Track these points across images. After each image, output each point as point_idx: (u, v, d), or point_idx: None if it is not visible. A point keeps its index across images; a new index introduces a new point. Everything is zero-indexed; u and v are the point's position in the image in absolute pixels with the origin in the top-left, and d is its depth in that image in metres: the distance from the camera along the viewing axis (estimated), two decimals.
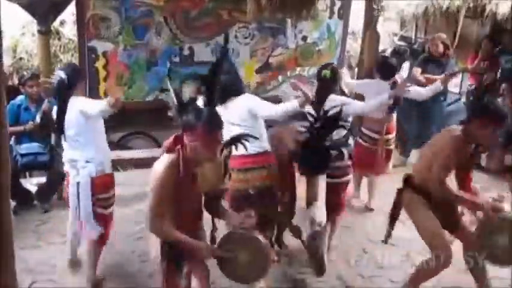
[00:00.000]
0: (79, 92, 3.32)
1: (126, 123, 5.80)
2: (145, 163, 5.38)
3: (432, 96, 4.63)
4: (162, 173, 2.32)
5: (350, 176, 3.86)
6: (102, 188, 3.30)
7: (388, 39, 7.63)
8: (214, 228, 2.66)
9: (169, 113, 2.55)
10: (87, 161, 3.24)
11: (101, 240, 3.40)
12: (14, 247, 3.63)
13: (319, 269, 3.41)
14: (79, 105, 3.17)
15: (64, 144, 3.37)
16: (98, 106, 3.12)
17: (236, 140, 2.70)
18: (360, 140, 4.66)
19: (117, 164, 5.49)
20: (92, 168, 3.24)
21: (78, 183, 3.25)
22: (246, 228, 2.51)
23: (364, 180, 4.85)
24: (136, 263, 3.73)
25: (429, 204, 3.04)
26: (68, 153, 3.35)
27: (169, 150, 2.38)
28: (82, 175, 3.25)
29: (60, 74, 3.24)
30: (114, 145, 5.76)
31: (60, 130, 3.26)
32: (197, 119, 2.30)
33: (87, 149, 3.25)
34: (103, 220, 3.34)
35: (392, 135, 4.67)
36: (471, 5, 5.79)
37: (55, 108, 3.38)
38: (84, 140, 3.24)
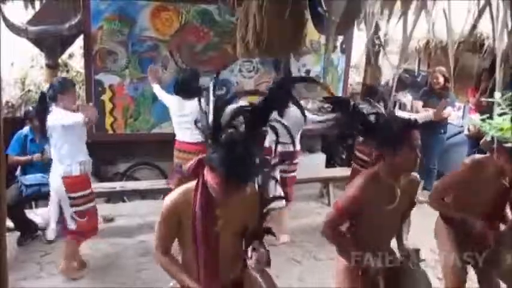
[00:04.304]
0: (65, 103, 3.67)
1: (133, 155, 5.86)
2: (152, 194, 5.46)
3: (432, 129, 4.69)
4: (170, 200, 2.05)
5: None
6: (71, 187, 3.71)
7: (390, 72, 7.72)
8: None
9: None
10: (60, 163, 3.69)
11: (77, 235, 3.84)
12: (16, 277, 3.66)
13: None
14: (58, 117, 3.61)
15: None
16: (73, 118, 3.61)
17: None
18: (355, 165, 4.74)
19: (124, 195, 5.53)
20: (61, 170, 3.69)
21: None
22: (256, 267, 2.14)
23: None
24: None
25: (454, 233, 3.04)
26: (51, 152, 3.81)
27: (193, 174, 2.05)
28: (53, 174, 3.77)
29: (43, 89, 3.80)
30: (121, 175, 5.82)
31: (42, 135, 3.82)
32: (221, 163, 1.87)
33: (60, 152, 3.68)
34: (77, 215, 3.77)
35: None
36: (471, 39, 5.89)
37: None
38: (59, 145, 3.67)
